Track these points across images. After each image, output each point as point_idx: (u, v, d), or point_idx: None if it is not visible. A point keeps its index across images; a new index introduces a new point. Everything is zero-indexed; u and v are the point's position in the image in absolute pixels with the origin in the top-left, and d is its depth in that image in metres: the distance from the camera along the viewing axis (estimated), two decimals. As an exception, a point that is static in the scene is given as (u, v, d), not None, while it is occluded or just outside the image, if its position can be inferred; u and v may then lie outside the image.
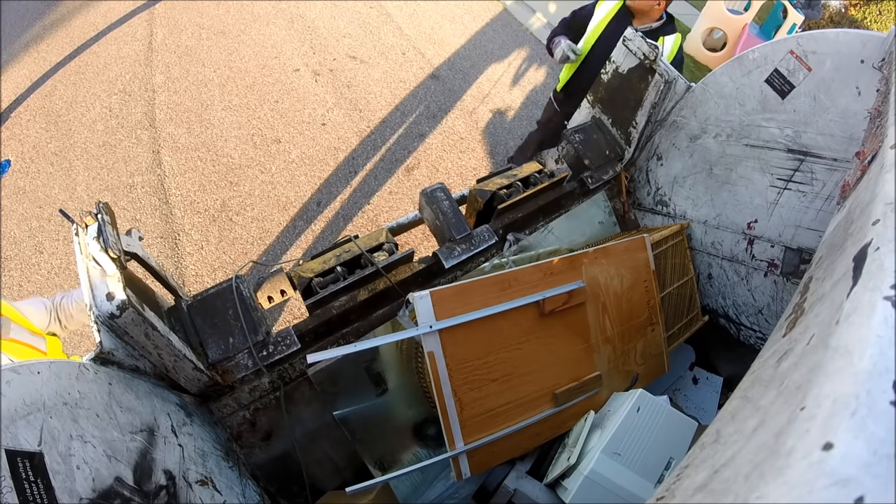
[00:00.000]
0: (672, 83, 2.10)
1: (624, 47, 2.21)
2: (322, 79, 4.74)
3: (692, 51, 5.89)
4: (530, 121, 4.63)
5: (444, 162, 4.16)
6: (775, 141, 1.88)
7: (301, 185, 3.80)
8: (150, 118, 4.19)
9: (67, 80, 4.49)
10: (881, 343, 0.51)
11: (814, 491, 0.41)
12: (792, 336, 0.91)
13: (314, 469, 1.66)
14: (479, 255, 1.99)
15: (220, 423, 1.59)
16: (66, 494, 0.82)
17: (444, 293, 1.56)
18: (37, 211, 3.51)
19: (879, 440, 0.42)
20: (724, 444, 0.78)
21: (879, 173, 0.93)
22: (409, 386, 1.76)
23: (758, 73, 1.83)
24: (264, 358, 1.55)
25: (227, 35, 5.11)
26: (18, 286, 3.12)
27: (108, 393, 1.11)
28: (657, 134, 2.30)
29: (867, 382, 0.47)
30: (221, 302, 1.60)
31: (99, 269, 1.22)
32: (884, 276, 0.61)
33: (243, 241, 3.40)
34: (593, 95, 2.48)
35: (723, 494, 0.60)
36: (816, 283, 1.02)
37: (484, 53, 5.42)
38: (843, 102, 1.62)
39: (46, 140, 3.98)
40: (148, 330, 1.26)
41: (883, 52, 1.44)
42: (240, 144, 4.03)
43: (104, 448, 0.98)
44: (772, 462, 0.50)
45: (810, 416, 0.50)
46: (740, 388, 1.03)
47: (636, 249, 1.96)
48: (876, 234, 0.73)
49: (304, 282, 1.80)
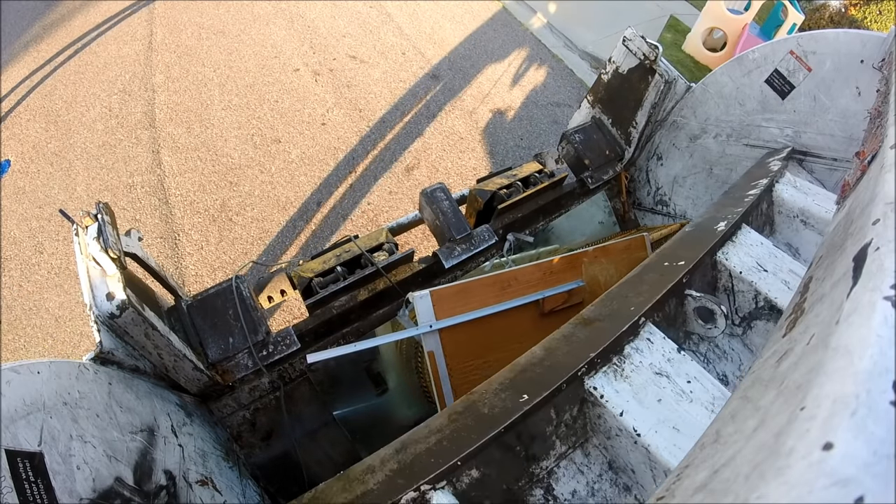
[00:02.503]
0: (672, 83, 2.10)
1: (624, 47, 2.21)
2: (322, 78, 4.74)
3: (692, 51, 5.89)
4: (530, 121, 4.63)
5: (444, 162, 4.16)
6: (775, 141, 1.88)
7: (301, 185, 3.80)
8: (150, 118, 4.19)
9: (67, 80, 4.49)
10: (881, 343, 0.51)
11: (814, 491, 0.41)
12: (792, 336, 0.91)
13: (314, 469, 1.66)
14: (479, 254, 1.99)
15: (220, 423, 1.59)
16: (67, 494, 0.82)
17: (443, 293, 1.56)
18: (37, 211, 3.51)
19: (879, 440, 0.42)
20: (724, 444, 0.78)
21: (879, 173, 0.93)
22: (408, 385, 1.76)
23: (758, 73, 1.83)
24: (264, 358, 1.55)
25: (226, 35, 5.11)
26: (18, 286, 3.12)
27: (108, 393, 1.11)
28: (657, 134, 2.30)
29: (867, 382, 0.47)
30: (221, 302, 1.60)
31: (99, 269, 1.22)
32: (884, 276, 0.61)
33: (243, 241, 3.40)
34: (593, 95, 2.48)
35: (723, 494, 0.60)
36: (816, 283, 1.02)
37: (484, 53, 5.42)
38: (843, 102, 1.62)
39: (46, 140, 3.98)
40: (148, 330, 1.26)
41: (883, 52, 1.44)
42: (240, 144, 4.03)
43: (104, 448, 0.98)
44: (772, 462, 0.50)
45: (810, 416, 0.50)
46: (740, 388, 1.03)
47: (636, 248, 1.96)
48: (876, 234, 0.73)
49: (304, 282, 1.80)
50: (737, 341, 1.33)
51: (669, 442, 0.91)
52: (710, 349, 1.28)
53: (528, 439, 0.99)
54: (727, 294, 1.33)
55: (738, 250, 1.31)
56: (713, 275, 1.32)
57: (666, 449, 0.91)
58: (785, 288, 1.24)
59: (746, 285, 1.26)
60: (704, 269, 1.29)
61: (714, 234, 1.32)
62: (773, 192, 1.58)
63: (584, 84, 5.15)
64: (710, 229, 1.38)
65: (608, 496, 1.00)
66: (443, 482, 0.89)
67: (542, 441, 1.01)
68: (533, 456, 1.00)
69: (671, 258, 1.33)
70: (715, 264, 1.30)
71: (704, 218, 1.51)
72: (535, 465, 1.00)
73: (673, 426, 0.93)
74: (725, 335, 1.32)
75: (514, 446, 0.97)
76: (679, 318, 1.24)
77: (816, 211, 1.49)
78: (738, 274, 1.26)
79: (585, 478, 1.03)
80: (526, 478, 1.00)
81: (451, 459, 0.88)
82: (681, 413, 0.96)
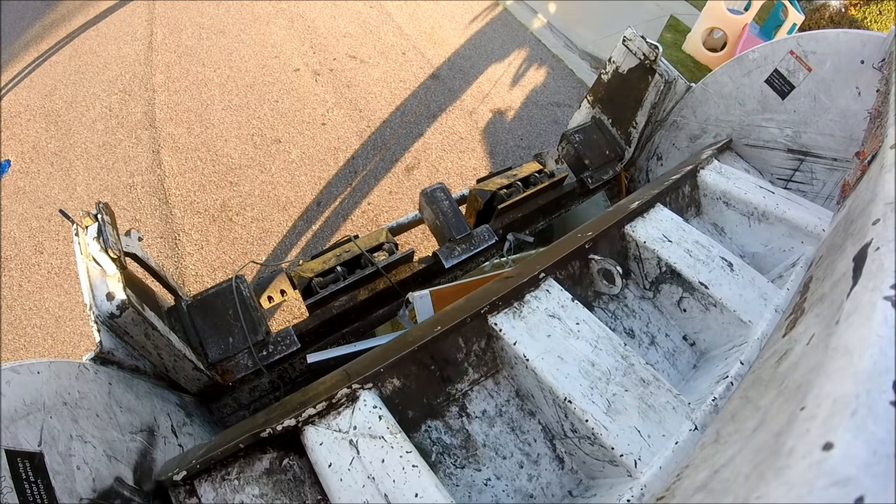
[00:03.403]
0: (672, 83, 2.10)
1: (624, 47, 2.21)
2: (322, 78, 4.74)
3: (692, 51, 5.89)
4: (530, 121, 4.63)
5: (444, 162, 4.16)
6: (775, 141, 1.88)
7: (301, 185, 3.80)
8: (150, 118, 4.19)
9: (67, 80, 4.49)
10: (881, 343, 0.51)
11: (814, 491, 0.41)
12: (792, 336, 0.91)
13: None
14: (479, 254, 1.99)
15: (220, 423, 1.59)
16: (67, 494, 0.82)
17: (443, 292, 1.57)
18: (37, 211, 3.51)
19: (879, 440, 0.42)
20: (724, 444, 0.78)
21: (879, 173, 0.93)
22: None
23: (758, 73, 1.83)
24: (264, 358, 1.55)
25: (226, 35, 5.11)
26: (18, 286, 3.12)
27: (108, 393, 1.11)
28: (657, 134, 2.30)
29: (867, 382, 0.47)
30: (221, 302, 1.60)
31: (99, 269, 1.22)
32: (884, 276, 0.61)
33: (243, 241, 3.40)
34: (593, 95, 2.48)
35: (723, 494, 0.60)
36: (816, 283, 1.02)
37: (484, 53, 5.42)
38: (843, 102, 1.62)
39: (46, 140, 3.98)
40: (148, 330, 1.26)
41: (883, 52, 1.44)
42: (240, 144, 4.03)
43: (104, 448, 0.98)
44: (772, 462, 0.50)
45: (810, 416, 0.50)
46: (740, 388, 1.03)
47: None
48: (876, 234, 0.73)
49: (304, 282, 1.80)
50: (647, 303, 1.50)
51: (553, 367, 1.10)
52: (619, 307, 1.46)
53: (441, 362, 1.18)
54: (637, 262, 1.51)
55: (646, 224, 1.50)
56: (622, 245, 1.52)
57: (549, 372, 1.09)
58: (686, 256, 1.41)
59: (650, 253, 1.44)
60: (612, 239, 1.49)
61: (626, 211, 1.51)
62: (698, 177, 1.76)
63: (584, 84, 5.15)
64: (625, 207, 1.56)
65: (514, 418, 1.19)
66: (370, 384, 1.08)
67: (456, 366, 1.20)
68: (448, 378, 1.20)
69: (583, 230, 1.51)
70: (623, 236, 1.50)
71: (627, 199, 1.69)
72: (450, 386, 1.20)
73: (558, 355, 1.13)
74: (637, 297, 1.50)
75: (430, 365, 1.17)
76: (586, 279, 1.44)
77: (736, 193, 1.67)
78: (642, 244, 1.45)
79: (495, 401, 1.21)
80: (443, 396, 1.19)
81: (376, 367, 1.09)
82: (567, 346, 1.15)
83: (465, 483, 1.10)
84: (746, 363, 1.14)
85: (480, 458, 1.13)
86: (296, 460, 1.03)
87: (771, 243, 1.63)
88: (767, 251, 1.64)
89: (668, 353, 1.39)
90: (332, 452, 0.97)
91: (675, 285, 1.42)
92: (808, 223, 1.52)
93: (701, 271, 1.37)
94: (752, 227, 1.68)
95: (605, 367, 1.12)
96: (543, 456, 1.15)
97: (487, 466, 1.12)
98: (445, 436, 1.15)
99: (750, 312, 1.28)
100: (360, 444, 0.96)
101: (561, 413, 1.10)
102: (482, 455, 1.14)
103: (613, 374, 1.11)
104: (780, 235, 1.60)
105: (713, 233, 1.74)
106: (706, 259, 1.40)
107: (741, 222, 1.69)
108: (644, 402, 1.06)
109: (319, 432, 1.00)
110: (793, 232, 1.57)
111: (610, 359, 1.14)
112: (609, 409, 1.04)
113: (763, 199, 1.62)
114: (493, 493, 1.09)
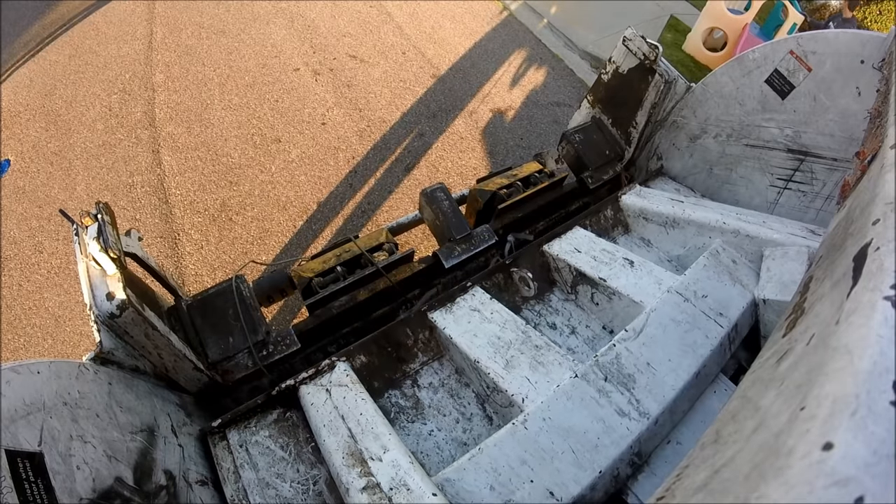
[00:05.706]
0: (672, 83, 2.10)
1: (624, 47, 2.21)
2: (322, 78, 4.74)
3: (692, 51, 5.89)
4: (531, 120, 4.63)
5: (444, 162, 4.16)
6: (775, 141, 1.88)
7: (301, 184, 3.80)
8: (150, 117, 4.19)
9: (67, 80, 4.48)
10: (881, 343, 0.51)
11: (814, 491, 0.41)
12: (792, 336, 0.91)
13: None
14: (479, 254, 1.99)
15: (220, 422, 1.59)
16: (67, 494, 0.82)
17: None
18: (37, 211, 3.51)
19: (879, 440, 0.42)
20: (724, 444, 0.78)
21: (879, 173, 0.93)
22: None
23: (758, 73, 1.83)
24: (264, 358, 1.55)
25: (226, 34, 5.11)
26: (18, 286, 3.12)
27: (108, 393, 1.11)
28: (657, 134, 2.30)
29: (867, 382, 0.47)
30: (221, 302, 1.60)
31: (99, 269, 1.22)
32: (884, 276, 0.61)
33: (243, 241, 3.40)
34: (593, 95, 2.48)
35: (723, 494, 0.60)
36: (816, 283, 1.02)
37: (484, 53, 5.42)
38: (843, 102, 1.62)
39: (46, 140, 3.98)
40: (148, 330, 1.26)
41: (883, 52, 1.44)
42: (240, 144, 4.03)
43: (104, 448, 0.98)
44: (772, 462, 0.50)
45: (810, 416, 0.50)
46: (740, 388, 1.03)
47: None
48: (876, 234, 0.73)
49: (304, 282, 1.80)
50: (570, 303, 1.82)
51: (469, 341, 1.50)
52: (545, 308, 1.80)
53: (395, 345, 1.61)
54: (557, 272, 1.85)
55: (561, 241, 1.86)
56: (543, 260, 1.87)
57: (466, 344, 1.49)
58: (592, 261, 1.74)
59: (563, 263, 1.79)
60: (533, 256, 1.86)
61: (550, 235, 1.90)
62: (620, 201, 2.07)
63: (584, 84, 5.15)
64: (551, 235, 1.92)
65: (453, 388, 1.55)
66: (344, 357, 1.48)
67: (407, 350, 1.61)
68: (402, 358, 1.60)
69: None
70: (542, 253, 1.86)
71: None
72: (405, 365, 1.60)
73: (473, 334, 1.53)
74: (561, 299, 1.83)
75: (387, 347, 1.59)
76: (511, 287, 1.82)
77: (651, 208, 1.96)
78: (556, 256, 1.81)
79: (439, 376, 1.59)
80: (400, 372, 1.58)
81: (349, 346, 1.56)
82: (481, 328, 1.54)
83: (414, 433, 1.45)
84: (631, 330, 1.38)
85: (426, 416, 1.48)
86: (294, 413, 1.43)
87: (687, 244, 1.87)
88: (687, 251, 1.87)
89: (588, 340, 1.70)
90: (314, 396, 1.37)
91: (586, 284, 1.73)
92: (710, 220, 1.76)
93: (602, 270, 1.68)
94: (669, 234, 1.93)
95: (508, 339, 1.49)
96: (475, 415, 1.49)
97: (431, 421, 1.47)
98: (401, 400, 1.52)
99: (641, 294, 1.56)
100: (332, 391, 1.38)
101: (479, 376, 1.45)
102: (428, 413, 1.49)
103: (514, 343, 1.47)
104: (692, 235, 1.85)
105: (641, 245, 2.02)
106: (609, 261, 1.71)
107: (660, 232, 1.97)
108: (535, 360, 1.41)
109: (309, 388, 1.41)
110: (700, 230, 1.80)
111: (512, 334, 1.50)
112: (507, 366, 1.41)
113: (672, 208, 1.88)
114: (436, 441, 1.43)
